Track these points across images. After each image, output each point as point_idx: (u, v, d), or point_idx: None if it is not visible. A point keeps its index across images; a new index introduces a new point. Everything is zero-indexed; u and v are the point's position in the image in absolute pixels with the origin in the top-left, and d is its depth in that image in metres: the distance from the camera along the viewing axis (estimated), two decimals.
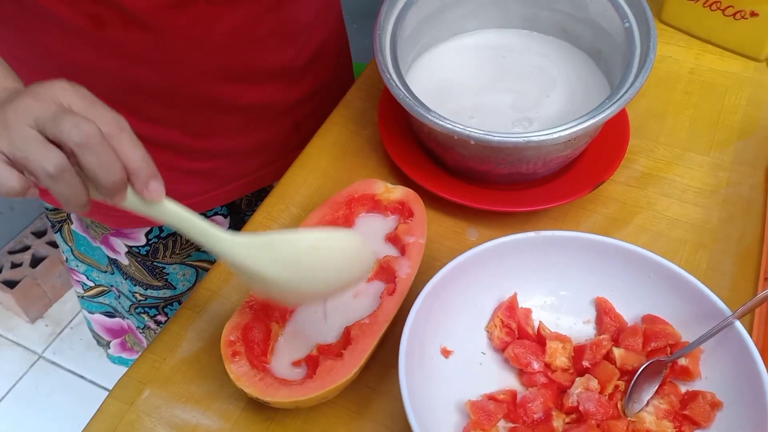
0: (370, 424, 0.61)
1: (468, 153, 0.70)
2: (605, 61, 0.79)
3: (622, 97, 0.67)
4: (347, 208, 0.70)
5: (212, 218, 0.95)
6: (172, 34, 0.70)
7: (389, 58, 0.73)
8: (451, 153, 0.72)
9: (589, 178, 0.74)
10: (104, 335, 1.10)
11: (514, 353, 0.62)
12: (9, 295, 1.75)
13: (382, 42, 0.73)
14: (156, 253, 0.92)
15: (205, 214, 0.93)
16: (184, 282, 0.98)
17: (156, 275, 0.95)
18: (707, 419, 0.57)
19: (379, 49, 0.73)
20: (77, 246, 0.97)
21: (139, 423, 0.62)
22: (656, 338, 0.61)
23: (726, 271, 0.70)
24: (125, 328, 1.08)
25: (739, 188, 0.76)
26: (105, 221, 0.88)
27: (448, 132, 0.66)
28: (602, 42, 0.79)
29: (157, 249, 0.92)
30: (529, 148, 0.67)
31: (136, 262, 0.93)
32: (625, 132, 0.77)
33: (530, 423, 0.58)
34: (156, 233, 0.90)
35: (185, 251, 0.94)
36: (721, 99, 0.85)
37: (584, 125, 0.66)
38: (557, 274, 0.65)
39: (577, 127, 0.65)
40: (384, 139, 0.78)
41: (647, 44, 0.70)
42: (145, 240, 0.90)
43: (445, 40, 0.85)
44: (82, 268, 1.00)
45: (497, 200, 0.73)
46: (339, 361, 0.58)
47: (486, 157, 0.70)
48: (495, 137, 0.65)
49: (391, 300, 0.62)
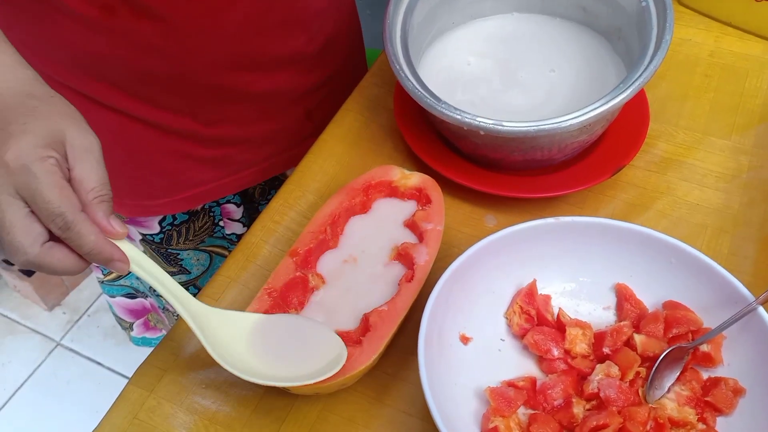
0: (389, 410, 0.61)
1: (480, 142, 0.69)
2: (623, 43, 0.78)
3: (637, 80, 0.66)
4: (364, 194, 0.69)
5: (225, 206, 0.95)
6: (182, 23, 0.70)
7: (399, 48, 0.73)
8: (465, 142, 0.72)
9: (608, 163, 0.73)
10: (127, 317, 1.11)
11: (533, 340, 0.61)
12: (26, 283, 1.76)
13: (392, 32, 0.73)
14: (170, 240, 0.93)
15: (217, 202, 0.94)
16: (199, 267, 0.98)
17: (170, 261, 0.95)
18: (730, 406, 0.56)
19: (389, 39, 0.72)
20: None
21: (159, 409, 0.62)
22: (678, 324, 0.60)
23: (748, 256, 0.69)
24: (147, 307, 1.09)
25: (761, 172, 0.75)
26: (119, 210, 0.89)
27: (458, 123, 0.66)
28: (620, 21, 0.77)
29: (170, 236, 0.92)
30: (541, 137, 0.67)
31: (150, 250, 0.94)
32: (645, 116, 0.76)
33: (550, 410, 0.58)
34: (169, 221, 0.91)
35: (198, 237, 0.95)
36: (741, 82, 0.84)
37: (597, 111, 0.65)
38: (577, 260, 0.65)
39: (589, 114, 0.65)
40: (400, 126, 0.77)
41: (663, 24, 0.69)
42: (159, 228, 0.91)
43: (460, 24, 0.84)
44: None
45: (515, 186, 0.73)
46: (358, 348, 0.58)
47: (498, 146, 0.70)
48: (505, 127, 0.65)
49: (409, 287, 0.62)
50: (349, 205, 0.69)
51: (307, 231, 0.66)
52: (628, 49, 0.77)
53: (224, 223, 0.97)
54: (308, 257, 0.65)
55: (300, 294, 0.63)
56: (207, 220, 0.94)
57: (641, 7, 0.72)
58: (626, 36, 0.77)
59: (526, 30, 0.83)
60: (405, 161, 0.79)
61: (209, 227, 0.95)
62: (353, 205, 0.69)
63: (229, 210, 0.96)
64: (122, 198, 0.87)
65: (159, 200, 0.87)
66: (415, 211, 0.68)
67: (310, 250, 0.65)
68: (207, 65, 0.75)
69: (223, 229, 0.98)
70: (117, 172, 0.84)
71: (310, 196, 0.77)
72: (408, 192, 0.70)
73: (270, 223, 0.74)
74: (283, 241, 0.73)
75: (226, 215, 0.97)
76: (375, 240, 0.67)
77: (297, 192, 0.77)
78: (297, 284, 0.63)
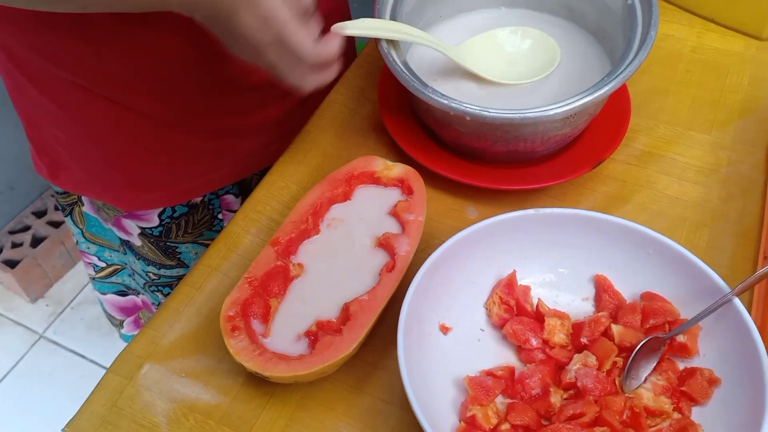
0: (368, 399, 0.62)
1: (465, 130, 0.70)
2: (608, 41, 0.79)
3: (621, 73, 0.67)
4: (347, 185, 0.69)
5: (224, 197, 0.96)
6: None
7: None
8: (448, 130, 0.72)
9: (589, 156, 0.74)
10: (117, 315, 1.10)
11: (512, 330, 0.62)
12: (10, 275, 1.75)
13: (382, 17, 0.73)
14: (169, 234, 0.93)
15: (216, 193, 0.94)
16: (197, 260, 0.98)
17: (169, 255, 0.95)
18: (705, 396, 0.57)
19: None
20: (88, 228, 0.97)
21: (138, 397, 0.62)
22: (655, 315, 0.61)
23: (725, 249, 0.70)
24: (139, 304, 1.09)
25: (740, 167, 0.76)
26: (117, 204, 0.89)
27: (445, 108, 0.66)
28: (605, 20, 0.78)
29: (170, 229, 0.92)
30: (525, 125, 0.67)
31: (149, 243, 0.93)
32: (626, 110, 0.77)
33: (528, 399, 0.59)
34: (169, 213, 0.91)
35: (197, 230, 0.95)
36: (722, 78, 0.85)
37: (581, 102, 0.65)
38: (556, 251, 0.65)
39: (574, 104, 0.65)
40: (383, 116, 0.78)
41: (649, 21, 0.70)
42: (158, 221, 0.91)
43: (448, 18, 0.84)
44: (93, 249, 1.00)
45: (497, 178, 0.73)
46: (338, 337, 0.58)
47: (483, 135, 0.70)
48: (490, 113, 0.65)
49: (390, 277, 0.62)
50: (331, 195, 0.69)
51: (289, 221, 0.66)
52: (612, 47, 0.78)
53: (223, 215, 0.97)
54: (289, 247, 0.65)
55: (280, 283, 0.63)
56: (206, 213, 0.95)
57: (627, 5, 0.73)
58: (611, 35, 0.78)
59: (512, 24, 0.83)
60: (389, 153, 0.79)
61: (208, 220, 0.95)
62: (335, 195, 0.69)
63: (229, 201, 0.97)
64: (121, 191, 0.87)
65: (157, 192, 0.87)
66: (398, 201, 0.69)
67: (291, 240, 0.65)
68: (211, 58, 0.75)
69: (222, 222, 0.98)
70: (116, 164, 0.84)
71: (293, 186, 0.77)
72: (390, 183, 0.70)
73: (252, 213, 0.74)
74: (265, 231, 0.73)
75: (226, 207, 0.97)
76: (357, 229, 0.67)
77: (280, 182, 0.77)
78: (278, 273, 0.63)
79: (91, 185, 0.88)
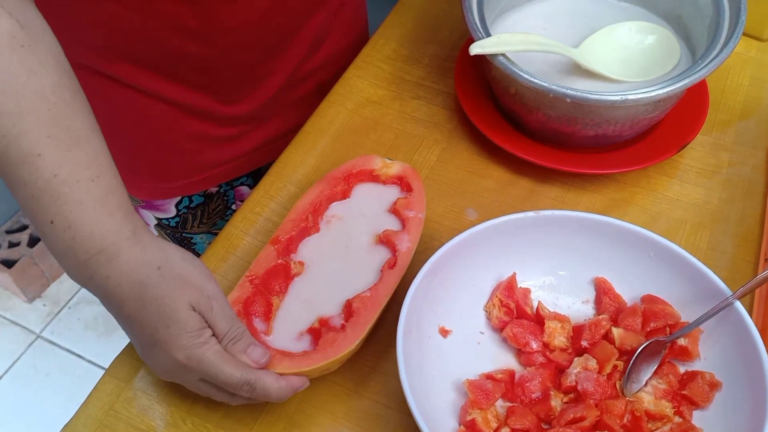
0: (367, 402, 0.61)
1: (555, 114, 0.70)
2: (684, 27, 0.79)
3: (716, 58, 0.68)
4: (345, 183, 0.69)
5: (239, 188, 0.96)
6: (218, 5, 0.70)
7: (477, 18, 0.73)
8: (536, 115, 0.72)
9: (672, 141, 0.75)
10: None
11: (512, 333, 0.61)
12: (6, 275, 1.75)
13: (470, 7, 0.73)
14: (185, 224, 0.93)
15: (231, 184, 0.94)
16: None
17: (184, 245, 0.95)
18: (706, 399, 0.57)
19: (468, 8, 0.73)
20: None
21: (136, 401, 0.62)
22: (655, 318, 0.60)
23: (726, 251, 0.70)
24: None
25: (741, 169, 0.76)
26: (136, 194, 0.89)
27: (544, 90, 0.67)
28: (681, 10, 0.79)
29: (186, 219, 0.93)
30: (619, 108, 0.68)
31: (165, 234, 0.94)
32: (705, 96, 0.79)
33: (528, 402, 0.58)
34: (186, 203, 0.91)
35: (212, 220, 0.96)
36: (723, 79, 0.84)
37: (680, 84, 0.67)
38: (556, 253, 0.65)
39: (673, 85, 0.66)
40: (462, 103, 0.78)
41: (737, 4, 0.71)
42: (175, 211, 0.91)
43: (523, 4, 0.84)
44: None
45: (587, 163, 0.74)
46: (341, 333, 0.58)
47: (574, 118, 0.70)
48: (592, 96, 0.66)
49: (392, 274, 0.62)
50: (330, 193, 0.68)
51: (288, 219, 0.66)
52: (689, 33, 0.78)
53: (236, 206, 0.97)
54: (290, 245, 0.65)
55: (282, 281, 0.63)
56: (220, 203, 0.95)
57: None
58: (688, 21, 0.78)
59: (587, 9, 0.83)
60: (387, 154, 0.78)
61: (221, 210, 0.96)
62: (334, 193, 0.69)
63: (243, 192, 0.97)
64: (141, 181, 0.87)
65: (177, 182, 0.87)
66: (397, 198, 0.68)
67: (291, 238, 0.65)
68: (236, 46, 0.75)
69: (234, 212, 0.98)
70: (139, 153, 0.84)
71: (291, 187, 0.76)
72: (389, 180, 0.70)
73: (250, 215, 0.74)
74: (263, 232, 0.72)
75: (239, 197, 0.97)
76: (357, 226, 0.67)
77: (278, 183, 0.77)
78: (279, 271, 0.63)
79: None
